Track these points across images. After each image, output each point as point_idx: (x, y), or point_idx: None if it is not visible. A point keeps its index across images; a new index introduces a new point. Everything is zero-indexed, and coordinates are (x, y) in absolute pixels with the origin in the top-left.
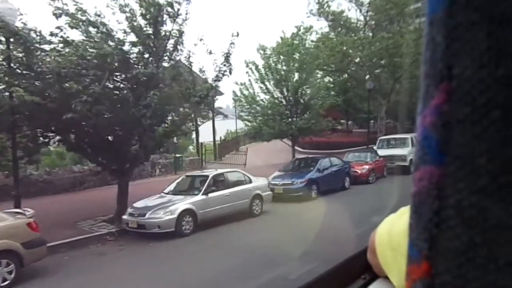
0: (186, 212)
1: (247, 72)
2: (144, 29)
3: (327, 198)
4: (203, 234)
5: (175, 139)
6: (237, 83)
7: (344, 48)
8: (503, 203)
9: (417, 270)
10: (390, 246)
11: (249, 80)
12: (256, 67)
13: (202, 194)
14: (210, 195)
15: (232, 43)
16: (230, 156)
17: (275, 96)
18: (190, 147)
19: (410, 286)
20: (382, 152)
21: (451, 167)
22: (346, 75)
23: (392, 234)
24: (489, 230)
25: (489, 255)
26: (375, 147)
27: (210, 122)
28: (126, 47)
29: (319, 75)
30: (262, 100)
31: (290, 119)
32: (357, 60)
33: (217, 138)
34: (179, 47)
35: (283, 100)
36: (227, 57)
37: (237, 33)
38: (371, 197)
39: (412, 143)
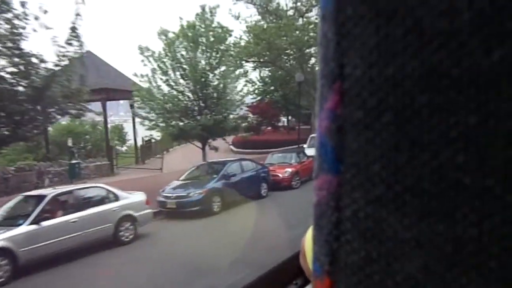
0: None
1: (142, 61)
2: None
3: (233, 211)
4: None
5: (69, 143)
6: (136, 75)
7: (269, 36)
8: (398, 214)
9: (320, 286)
10: None
11: (152, 71)
12: (153, 54)
13: (30, 224)
14: (44, 223)
15: (78, 14)
16: (154, 159)
17: (180, 90)
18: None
19: None
20: (311, 151)
21: (346, 176)
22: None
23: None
24: (385, 243)
25: (387, 270)
26: (305, 146)
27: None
28: None
29: (248, 68)
30: (165, 94)
31: (198, 117)
32: (288, 50)
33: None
34: None
35: (190, 94)
36: (73, 31)
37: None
38: (289, 206)
39: None
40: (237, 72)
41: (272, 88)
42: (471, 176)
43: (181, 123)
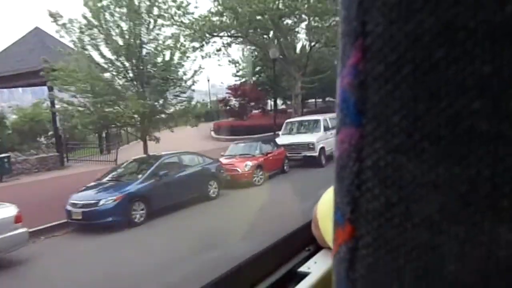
0: None
1: (57, 32)
2: None
3: (162, 221)
4: None
5: None
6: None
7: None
8: (417, 160)
9: (342, 233)
10: (330, 216)
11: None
12: (71, 22)
13: None
14: None
15: None
16: (128, 147)
17: (113, 68)
18: None
19: (337, 250)
20: (285, 139)
21: (368, 128)
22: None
23: (331, 205)
24: (404, 188)
25: (405, 213)
26: (280, 133)
27: None
28: None
29: (219, 45)
30: (90, 73)
31: (129, 102)
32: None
33: None
34: None
35: (127, 73)
36: None
37: None
38: (244, 210)
39: (325, 126)
40: (192, 47)
41: (258, 68)
42: (486, 121)
43: (108, 109)
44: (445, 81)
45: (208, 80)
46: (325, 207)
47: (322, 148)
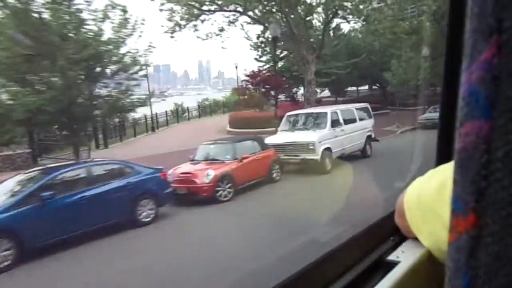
0: None
1: None
2: None
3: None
4: None
5: None
6: None
7: None
8: None
9: (463, 222)
10: (419, 207)
11: None
12: None
13: None
14: None
15: None
16: (135, 140)
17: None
18: None
19: (455, 238)
20: (281, 137)
21: (500, 121)
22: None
23: (421, 196)
24: None
25: None
26: (279, 129)
27: None
28: None
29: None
30: None
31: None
32: None
33: None
34: None
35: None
36: None
37: None
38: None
39: (334, 121)
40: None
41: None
42: None
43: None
44: None
45: (236, 67)
46: (414, 198)
47: (327, 149)
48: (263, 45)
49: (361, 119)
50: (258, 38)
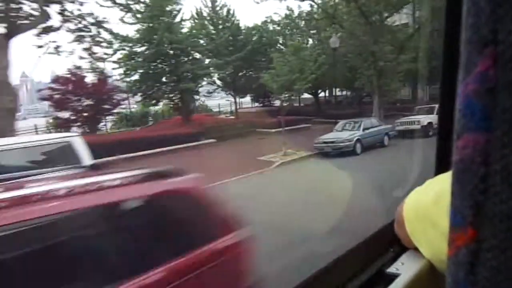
0: None
1: None
2: None
3: None
4: None
5: None
6: None
7: None
8: None
9: (462, 236)
10: (417, 218)
11: None
12: None
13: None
14: None
15: None
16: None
17: None
18: None
19: (454, 252)
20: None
21: (497, 133)
22: None
23: (419, 206)
24: None
25: None
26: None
27: None
28: None
29: None
30: None
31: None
32: None
33: None
34: None
35: None
36: None
37: None
38: None
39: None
40: None
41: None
42: None
43: None
44: None
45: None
46: (412, 208)
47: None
48: None
49: None
50: None
